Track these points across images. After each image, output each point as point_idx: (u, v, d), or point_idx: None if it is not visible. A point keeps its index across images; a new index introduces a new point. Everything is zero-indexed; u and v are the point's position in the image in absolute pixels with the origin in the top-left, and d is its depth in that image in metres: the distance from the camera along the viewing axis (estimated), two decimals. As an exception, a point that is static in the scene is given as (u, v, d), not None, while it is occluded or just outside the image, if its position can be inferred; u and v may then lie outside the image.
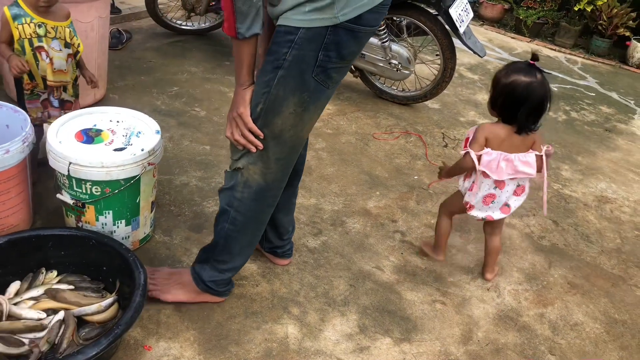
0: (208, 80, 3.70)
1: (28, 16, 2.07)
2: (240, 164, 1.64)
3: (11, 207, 1.98)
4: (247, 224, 1.75)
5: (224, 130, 3.11)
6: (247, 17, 1.40)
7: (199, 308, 1.91)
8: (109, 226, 2.00)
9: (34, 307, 1.70)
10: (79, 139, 1.94)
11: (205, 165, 2.75)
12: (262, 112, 1.54)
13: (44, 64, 2.13)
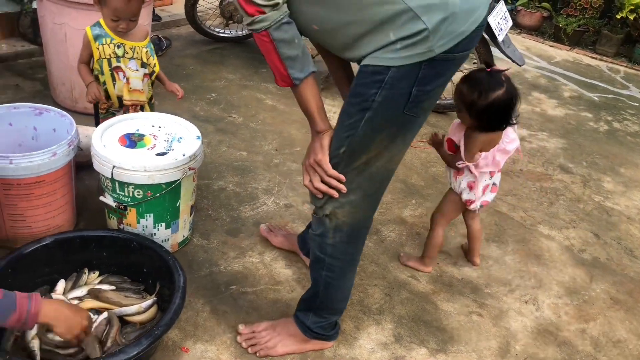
0: (245, 87, 3.75)
1: (108, 37, 2.11)
2: (327, 211, 1.53)
3: (57, 208, 2.04)
4: (345, 266, 1.66)
5: (260, 136, 3.18)
6: (296, 60, 1.35)
7: (235, 312, 1.93)
8: (150, 229, 2.04)
9: (77, 306, 1.75)
10: (122, 143, 1.99)
11: (242, 171, 2.78)
12: (345, 155, 1.43)
13: (121, 83, 2.17)
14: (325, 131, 1.46)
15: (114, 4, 1.99)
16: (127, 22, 2.05)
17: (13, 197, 1.91)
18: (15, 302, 1.34)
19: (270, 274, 2.14)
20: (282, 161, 2.92)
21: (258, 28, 1.31)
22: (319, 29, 1.37)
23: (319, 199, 1.52)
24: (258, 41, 1.35)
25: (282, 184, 2.72)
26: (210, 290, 2.01)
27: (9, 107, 2.12)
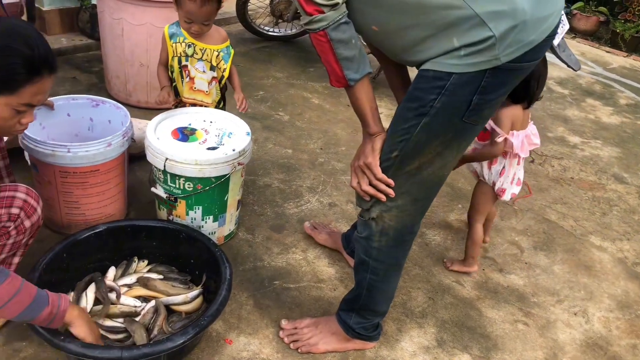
0: (292, 85, 3.77)
1: (182, 36, 2.16)
2: (374, 214, 1.51)
3: (110, 197, 2.10)
4: (389, 270, 1.64)
5: (306, 135, 3.19)
6: (353, 61, 1.34)
7: (278, 307, 1.94)
8: (198, 221, 2.08)
9: (126, 294, 1.80)
10: (175, 137, 2.04)
11: (287, 169, 2.80)
12: (397, 159, 1.41)
13: (185, 81, 2.21)
14: (378, 134, 1.45)
15: (188, 7, 2.02)
16: (200, 25, 2.08)
17: (69, 185, 1.98)
18: (48, 299, 1.40)
19: (313, 272, 2.14)
20: (327, 160, 2.92)
21: (316, 28, 1.31)
22: (378, 31, 1.35)
23: (366, 201, 1.51)
24: (315, 41, 1.34)
25: (327, 182, 2.73)
26: (254, 284, 2.04)
27: (67, 98, 2.20)
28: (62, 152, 1.88)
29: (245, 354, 1.75)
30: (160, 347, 1.47)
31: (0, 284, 1.29)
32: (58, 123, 2.17)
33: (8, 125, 1.37)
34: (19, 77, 1.28)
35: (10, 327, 1.71)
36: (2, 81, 1.28)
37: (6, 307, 1.31)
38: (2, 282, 1.30)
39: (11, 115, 1.35)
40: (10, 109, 1.33)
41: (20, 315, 1.35)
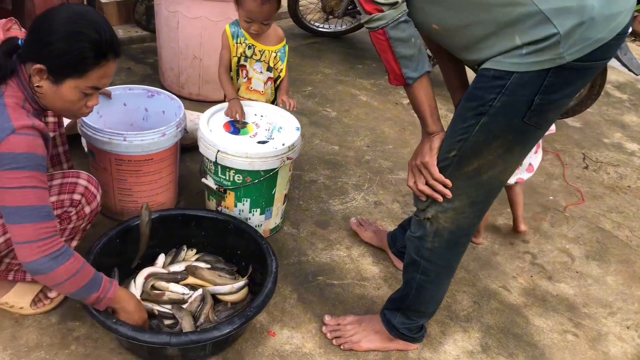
0: (340, 82, 3.77)
1: (242, 36, 2.17)
2: (429, 214, 1.49)
3: (162, 185, 2.15)
4: (440, 272, 1.62)
5: (352, 132, 3.18)
6: (412, 59, 1.33)
7: (321, 303, 1.95)
8: (245, 213, 2.10)
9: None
10: (227, 130, 2.07)
11: (333, 165, 2.80)
12: (455, 159, 1.39)
13: (242, 80, 2.24)
14: (437, 133, 1.43)
15: (248, 6, 2.02)
16: (259, 24, 2.07)
17: (124, 173, 2.04)
18: (100, 283, 1.46)
19: (357, 269, 2.14)
20: (373, 158, 2.91)
21: (375, 26, 1.30)
22: (439, 29, 1.33)
23: (422, 201, 1.49)
24: (374, 39, 1.34)
25: (373, 180, 2.72)
26: (298, 278, 2.05)
27: (124, 88, 2.26)
28: (118, 140, 1.94)
29: (288, 347, 1.76)
30: (207, 335, 1.50)
31: (63, 263, 1.36)
32: (114, 112, 2.23)
33: (76, 107, 1.43)
34: (88, 61, 1.34)
35: (65, 307, 1.78)
36: (72, 65, 1.33)
37: (63, 285, 1.38)
38: (65, 261, 1.37)
39: (79, 98, 1.40)
40: (78, 91, 1.38)
41: (72, 294, 1.43)
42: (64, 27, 1.32)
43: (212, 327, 1.54)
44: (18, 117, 1.30)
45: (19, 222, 1.31)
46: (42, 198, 1.34)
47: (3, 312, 1.72)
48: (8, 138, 1.27)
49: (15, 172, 1.29)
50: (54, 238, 1.36)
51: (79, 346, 1.66)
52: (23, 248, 1.33)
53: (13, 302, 1.71)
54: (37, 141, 1.33)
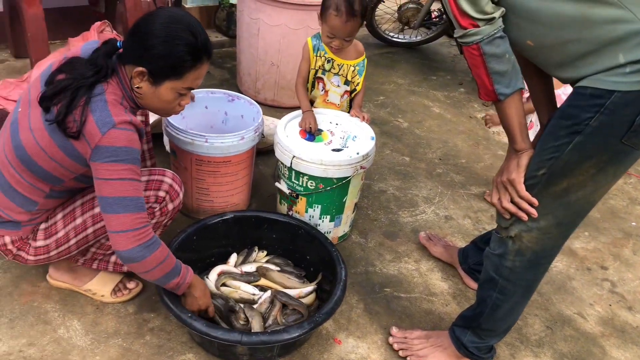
0: (413, 92, 3.74)
1: (323, 50, 2.20)
2: (512, 232, 1.45)
3: (237, 187, 2.21)
4: (518, 292, 1.57)
5: (424, 143, 3.15)
6: (504, 76, 1.32)
7: (388, 315, 1.94)
8: (315, 219, 2.13)
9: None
10: (303, 136, 2.10)
11: (403, 176, 2.78)
12: (544, 178, 1.35)
13: (318, 92, 2.28)
14: (525, 150, 1.40)
15: (332, 22, 2.03)
16: (341, 40, 2.09)
17: (203, 173, 2.11)
18: (180, 270, 1.55)
19: (425, 284, 2.11)
20: (445, 171, 2.87)
21: (469, 41, 1.30)
22: (534, 45, 1.30)
23: (506, 219, 1.46)
24: (467, 54, 1.33)
25: (444, 194, 2.68)
26: (365, 288, 2.05)
27: (207, 92, 2.34)
28: (200, 141, 2.01)
29: (353, 357, 1.76)
30: (277, 337, 1.53)
31: (154, 251, 1.45)
32: (196, 114, 2.32)
33: (171, 107, 1.51)
34: (186, 64, 1.41)
35: (142, 298, 1.86)
36: (171, 67, 1.40)
37: (152, 271, 1.47)
38: (156, 250, 1.45)
39: (174, 98, 1.48)
40: (174, 92, 1.46)
41: (157, 280, 1.51)
42: (163, 31, 1.39)
43: (282, 329, 1.57)
44: (118, 112, 1.39)
45: (118, 212, 1.39)
46: (138, 190, 1.42)
47: (86, 298, 1.82)
48: (109, 132, 1.35)
49: (115, 165, 1.37)
50: (147, 228, 1.44)
51: (153, 337, 1.73)
52: (120, 237, 1.41)
53: (95, 290, 1.81)
54: (134, 136, 1.40)
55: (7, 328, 1.68)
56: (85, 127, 1.36)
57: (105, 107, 1.37)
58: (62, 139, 1.40)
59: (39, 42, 2.80)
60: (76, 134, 1.36)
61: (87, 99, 1.37)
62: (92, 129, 1.35)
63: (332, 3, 2.01)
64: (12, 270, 1.87)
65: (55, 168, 1.46)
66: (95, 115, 1.36)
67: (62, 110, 1.36)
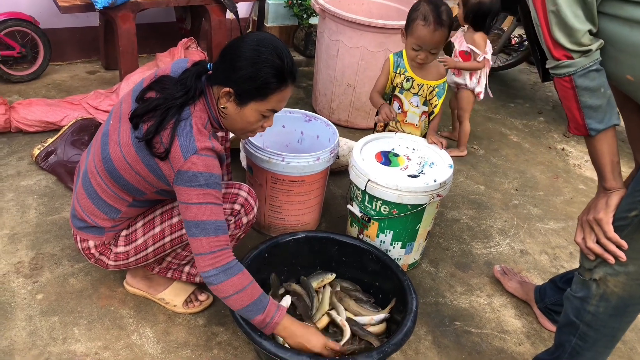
0: (490, 119, 3.65)
1: (403, 67, 2.20)
2: (597, 275, 1.38)
3: (309, 207, 2.22)
4: (601, 340, 1.48)
5: (500, 172, 3.05)
6: (598, 110, 1.25)
7: (457, 350, 1.87)
8: (386, 245, 2.09)
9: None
10: (378, 160, 2.08)
11: (477, 205, 2.70)
12: (636, 220, 1.28)
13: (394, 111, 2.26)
14: (616, 189, 1.32)
15: (419, 32, 2.02)
16: (426, 53, 2.07)
17: (277, 191, 2.14)
18: (266, 306, 1.48)
19: (497, 320, 2.02)
20: (521, 203, 2.76)
21: (562, 73, 1.24)
22: (634, 81, 1.23)
23: (590, 260, 1.38)
24: (558, 85, 1.27)
25: (520, 227, 2.57)
26: (434, 319, 1.99)
27: (285, 111, 2.38)
28: (277, 160, 2.04)
29: (420, 391, 1.71)
30: (345, 364, 1.50)
31: (231, 276, 1.43)
32: (274, 132, 2.36)
33: (253, 127, 1.54)
34: (271, 86, 1.43)
35: (212, 310, 1.89)
36: (256, 89, 1.43)
37: (229, 298, 1.44)
38: (234, 275, 1.44)
39: (257, 119, 1.51)
40: (258, 113, 1.49)
41: (239, 311, 1.48)
42: (251, 54, 1.43)
43: (350, 357, 1.54)
44: (201, 138, 1.42)
45: (196, 235, 1.43)
46: (217, 213, 1.44)
47: (159, 307, 1.87)
48: (191, 158, 1.39)
49: (194, 189, 1.40)
50: (226, 251, 1.45)
51: (220, 351, 1.75)
52: (199, 259, 1.44)
53: (168, 300, 1.86)
54: (214, 162, 1.44)
55: (86, 330, 1.75)
56: (171, 151, 1.40)
57: (190, 132, 1.41)
58: (148, 157, 1.45)
59: (129, 56, 2.95)
60: (163, 154, 1.41)
61: (175, 122, 1.42)
62: (176, 153, 1.40)
63: (420, 14, 2.01)
64: (92, 274, 1.96)
65: (139, 182, 1.52)
66: (181, 139, 1.40)
67: (152, 129, 1.41)
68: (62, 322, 1.76)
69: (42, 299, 1.84)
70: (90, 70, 3.48)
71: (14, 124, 2.63)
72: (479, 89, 2.98)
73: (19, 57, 3.13)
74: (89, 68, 3.52)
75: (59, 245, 2.06)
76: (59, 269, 1.96)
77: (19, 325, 1.74)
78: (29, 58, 3.18)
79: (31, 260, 1.98)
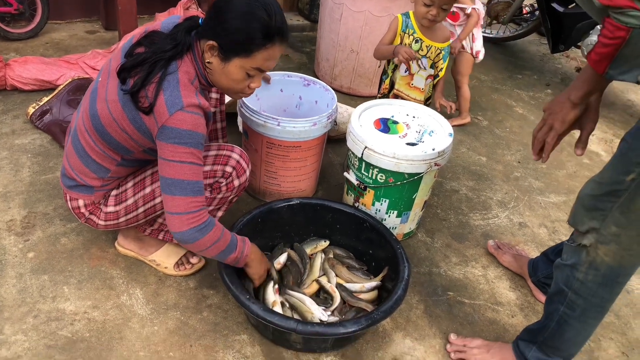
0: (496, 90, 3.57)
1: (412, 28, 2.16)
2: (587, 241, 1.35)
3: (304, 173, 2.19)
4: (588, 309, 1.44)
5: (503, 144, 3.00)
6: (625, 63, 1.16)
7: (449, 319, 1.86)
8: (382, 213, 2.07)
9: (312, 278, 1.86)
10: (377, 127, 2.04)
11: (478, 177, 2.66)
12: (634, 184, 1.21)
13: (401, 74, 2.21)
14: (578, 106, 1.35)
15: None
16: (438, 9, 2.03)
17: (272, 156, 2.10)
18: (236, 245, 1.56)
19: (491, 291, 2.01)
20: (523, 175, 2.71)
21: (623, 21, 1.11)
22: None
23: (586, 221, 1.33)
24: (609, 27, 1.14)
25: (520, 200, 2.53)
26: (427, 289, 1.97)
27: (283, 74, 2.33)
28: (272, 124, 2.00)
29: (409, 358, 1.70)
30: (332, 330, 1.50)
31: (207, 233, 1.46)
32: (271, 96, 2.31)
33: (239, 87, 1.49)
34: (256, 42, 1.38)
35: (203, 274, 1.88)
36: (240, 43, 1.39)
37: (205, 251, 1.50)
38: (209, 232, 1.46)
39: (243, 78, 1.46)
40: (243, 71, 1.44)
41: (213, 257, 1.54)
42: (239, 7, 1.38)
43: (338, 323, 1.53)
44: (187, 94, 1.38)
45: (174, 194, 1.41)
46: (197, 174, 1.42)
47: (150, 268, 1.87)
48: (177, 114, 1.35)
49: (177, 147, 1.37)
50: (202, 212, 1.44)
51: (210, 314, 1.74)
52: (173, 218, 1.43)
53: (160, 261, 1.85)
54: (200, 120, 1.40)
55: (76, 289, 1.75)
56: (156, 105, 1.37)
57: (176, 87, 1.37)
58: (133, 112, 1.42)
59: (128, 16, 2.89)
60: (147, 109, 1.38)
61: (161, 76, 1.38)
62: (161, 108, 1.36)
63: None
64: (84, 234, 1.94)
65: (126, 140, 1.49)
66: (166, 94, 1.37)
67: (138, 82, 1.38)
68: (52, 280, 1.76)
69: (33, 257, 1.83)
70: (89, 30, 3.43)
71: (9, 82, 2.59)
72: (477, 47, 2.88)
73: (16, 14, 3.08)
74: (89, 28, 3.46)
75: (52, 204, 2.04)
76: (50, 228, 1.95)
77: (9, 283, 1.73)
78: (26, 15, 3.13)
79: (23, 218, 1.97)
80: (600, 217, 1.30)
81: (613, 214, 1.27)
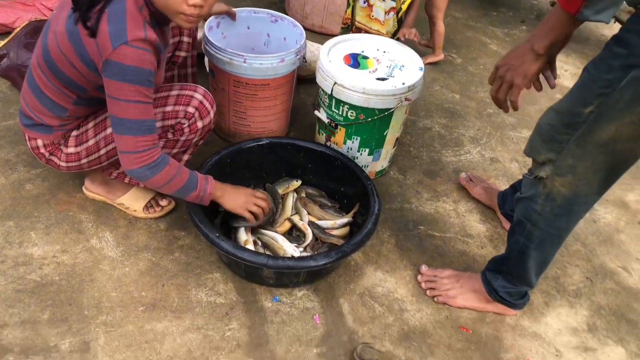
0: (471, 27, 3.52)
1: None
2: (543, 173, 1.34)
3: (275, 113, 2.15)
4: (546, 239, 1.46)
5: (477, 81, 2.98)
6: (600, 1, 1.10)
7: (420, 252, 1.89)
8: (354, 151, 2.05)
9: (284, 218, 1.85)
10: (347, 62, 2.00)
11: (451, 114, 2.65)
12: (591, 118, 1.19)
13: (361, 5, 2.14)
14: (541, 57, 1.24)
15: None
16: None
17: (240, 95, 2.06)
18: (196, 183, 1.55)
19: (461, 224, 2.03)
20: (496, 112, 2.71)
21: None
22: None
23: (543, 151, 1.32)
24: None
25: (492, 135, 2.54)
26: (398, 224, 1.99)
27: (250, 11, 2.25)
28: (238, 61, 1.94)
29: (380, 290, 1.73)
30: (303, 264, 1.51)
31: (158, 172, 1.45)
32: (238, 34, 2.24)
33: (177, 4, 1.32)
34: None
35: (173, 216, 1.87)
36: None
37: (161, 188, 1.50)
38: (160, 171, 1.46)
39: None
40: None
41: (174, 194, 1.54)
42: None
43: (309, 256, 1.54)
44: (134, 26, 1.30)
45: (121, 133, 1.38)
46: (144, 112, 1.38)
47: (120, 212, 1.84)
48: (120, 48, 1.28)
49: (122, 84, 1.32)
50: (151, 150, 1.42)
51: (182, 254, 1.74)
52: (123, 156, 1.42)
53: (128, 204, 1.83)
54: (146, 55, 1.33)
55: (43, 234, 1.72)
56: (99, 36, 1.29)
57: (122, 18, 1.30)
58: (80, 44, 1.35)
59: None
60: (90, 33, 1.30)
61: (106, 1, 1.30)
62: (105, 41, 1.29)
63: None
64: (49, 180, 1.90)
65: (77, 76, 1.43)
66: (111, 26, 1.29)
67: (85, 1, 1.29)
68: (18, 226, 1.73)
69: (-2, 204, 1.79)
70: (46, -29, 3.25)
71: (-38, 26, 2.47)
72: None
73: (-35, -46, 2.89)
74: (45, -32, 3.28)
75: (14, 151, 1.99)
76: (14, 175, 1.90)
77: (-26, 230, 1.70)
78: (-23, -45, 2.94)
79: (-15, 166, 1.92)
80: (557, 149, 1.29)
81: (570, 147, 1.27)
